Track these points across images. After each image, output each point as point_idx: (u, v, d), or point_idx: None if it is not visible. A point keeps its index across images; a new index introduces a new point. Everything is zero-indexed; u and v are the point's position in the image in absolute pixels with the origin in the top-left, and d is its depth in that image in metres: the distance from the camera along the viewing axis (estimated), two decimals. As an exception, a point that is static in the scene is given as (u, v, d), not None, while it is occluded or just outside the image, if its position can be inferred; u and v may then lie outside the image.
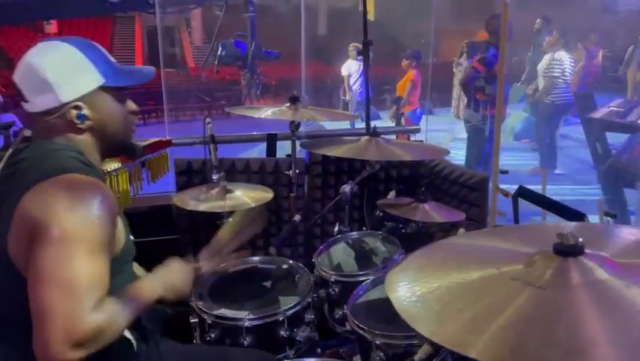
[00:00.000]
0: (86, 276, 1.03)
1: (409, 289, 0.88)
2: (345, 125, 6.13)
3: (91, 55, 1.21)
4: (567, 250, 0.82)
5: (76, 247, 1.04)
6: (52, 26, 18.89)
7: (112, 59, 1.27)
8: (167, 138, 2.19)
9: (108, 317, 1.04)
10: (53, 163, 1.13)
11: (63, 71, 1.18)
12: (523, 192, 2.04)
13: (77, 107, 1.19)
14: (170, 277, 1.30)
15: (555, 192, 4.64)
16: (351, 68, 8.22)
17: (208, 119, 2.29)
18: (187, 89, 11.84)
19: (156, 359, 1.33)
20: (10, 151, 1.19)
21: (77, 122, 1.19)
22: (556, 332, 0.69)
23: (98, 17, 18.02)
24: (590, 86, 6.54)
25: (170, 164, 2.25)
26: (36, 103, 1.18)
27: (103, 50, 1.27)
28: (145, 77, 1.31)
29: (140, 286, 1.20)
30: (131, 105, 1.31)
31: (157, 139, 2.14)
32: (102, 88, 1.21)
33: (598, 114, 4.81)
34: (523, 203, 2.23)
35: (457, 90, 9.07)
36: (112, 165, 1.88)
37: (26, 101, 1.19)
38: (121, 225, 1.22)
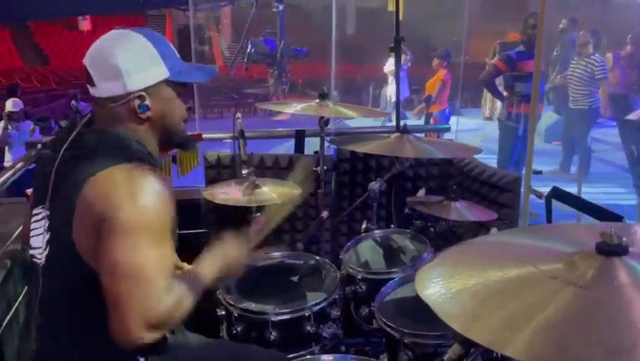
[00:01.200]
0: (154, 262, 1.08)
1: (444, 285, 0.87)
2: (371, 123, 6.08)
3: (161, 49, 1.23)
4: (611, 250, 0.80)
5: (143, 235, 1.08)
6: (86, 23, 19.35)
7: (177, 54, 1.30)
8: (198, 132, 2.21)
9: (177, 299, 1.10)
10: (116, 152, 1.17)
11: (134, 60, 1.20)
12: (557, 193, 1.99)
13: (141, 97, 1.21)
14: (225, 258, 1.34)
15: (588, 196, 4.52)
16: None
17: (238, 115, 2.31)
18: (216, 87, 11.96)
19: (184, 349, 1.35)
20: (73, 135, 1.21)
21: (139, 111, 1.22)
22: (600, 331, 0.67)
23: (131, 14, 18.37)
24: (628, 88, 6.35)
25: (199, 158, 2.26)
26: (103, 88, 1.20)
27: (172, 46, 1.29)
28: (208, 75, 1.34)
29: (201, 268, 1.26)
30: (190, 102, 1.34)
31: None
32: (167, 82, 1.24)
33: (634, 116, 4.66)
34: (556, 204, 2.18)
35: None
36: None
37: (94, 85, 1.21)
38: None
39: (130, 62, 1.19)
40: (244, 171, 2.15)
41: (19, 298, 1.75)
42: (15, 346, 1.67)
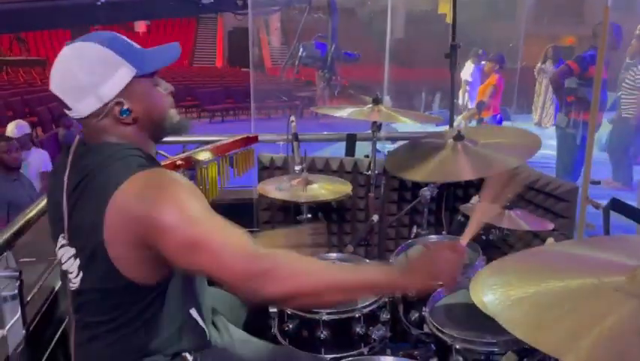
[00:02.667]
0: (221, 224, 1.10)
1: (503, 293, 0.88)
2: (420, 127, 6.02)
3: (117, 48, 1.18)
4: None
5: (197, 213, 1.09)
6: (142, 25, 20.06)
7: (136, 45, 1.24)
8: (254, 133, 2.27)
9: (274, 256, 1.07)
10: (122, 164, 1.15)
11: (95, 71, 1.16)
12: (615, 205, 1.93)
13: (119, 103, 1.18)
14: (428, 263, 1.24)
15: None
16: (469, 72, 7.95)
17: (292, 118, 2.37)
18: (265, 89, 12.17)
19: (229, 348, 1.37)
20: (70, 158, 1.21)
21: (122, 117, 1.19)
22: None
23: (184, 18, 18.92)
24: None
25: (254, 160, 2.33)
26: (79, 108, 1.18)
27: (125, 38, 1.23)
28: (172, 57, 1.27)
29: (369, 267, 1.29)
30: (166, 86, 1.28)
31: (245, 135, 2.23)
32: (137, 78, 1.19)
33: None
34: (614, 216, 2.11)
35: (540, 97, 8.65)
36: (203, 156, 1.98)
37: (70, 109, 1.19)
38: None
39: (92, 75, 1.15)
40: (297, 167, 2.21)
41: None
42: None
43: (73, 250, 1.19)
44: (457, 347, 1.38)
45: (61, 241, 1.22)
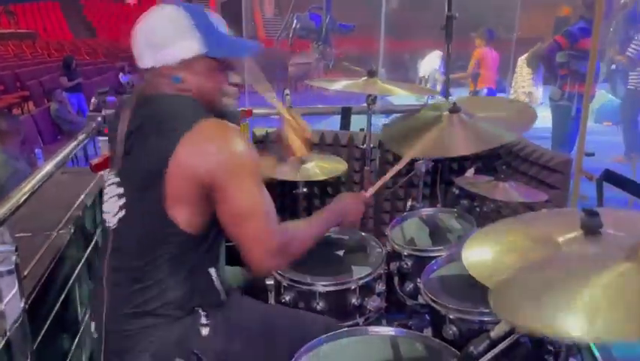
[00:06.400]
0: (264, 199, 1.23)
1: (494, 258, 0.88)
2: (416, 100, 6.02)
3: (199, 22, 1.24)
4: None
5: (248, 178, 1.20)
6: (132, -4, 19.65)
7: (223, 29, 1.30)
8: (249, 107, 2.26)
9: (291, 235, 1.31)
10: (186, 111, 1.22)
11: (168, 34, 1.23)
12: (609, 176, 1.94)
13: (175, 70, 1.24)
14: (343, 206, 1.56)
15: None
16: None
17: (287, 91, 2.34)
18: (257, 61, 11.99)
19: (237, 310, 1.40)
20: (132, 105, 1.27)
21: (174, 83, 1.25)
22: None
23: (176, -11, 18.54)
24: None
25: (249, 134, 2.32)
26: (143, 61, 1.26)
27: (216, 19, 1.29)
28: (248, 52, 1.34)
29: (320, 215, 1.50)
30: (233, 77, 1.37)
31: (239, 109, 2.22)
32: (204, 56, 1.24)
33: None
34: (607, 188, 2.13)
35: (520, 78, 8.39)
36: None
37: (139, 58, 1.27)
38: None
39: (164, 36, 1.23)
40: (292, 147, 2.19)
41: (82, 261, 1.87)
42: (79, 300, 1.80)
43: (120, 190, 1.26)
44: (451, 316, 1.40)
45: (111, 178, 1.31)
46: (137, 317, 1.25)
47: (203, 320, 1.28)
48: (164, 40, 1.23)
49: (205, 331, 1.27)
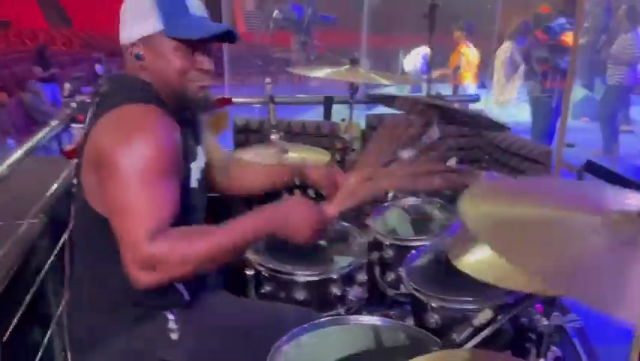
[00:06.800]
0: (142, 203, 1.08)
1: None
2: (396, 92, 6.02)
3: (163, 1, 1.23)
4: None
5: (133, 175, 1.09)
6: (110, -15, 19.27)
7: (190, 7, 1.26)
8: (228, 95, 2.22)
9: (169, 246, 1.07)
10: (120, 95, 1.22)
11: (134, 12, 1.26)
12: (590, 167, 1.95)
13: (136, 46, 1.25)
14: (282, 214, 1.25)
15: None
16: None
17: (268, 80, 2.31)
18: (239, 53, 11.88)
19: (210, 309, 1.36)
20: (99, 83, 1.30)
21: (136, 60, 1.25)
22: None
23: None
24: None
25: (229, 122, 2.28)
26: (121, 36, 1.29)
27: (191, 2, 1.26)
28: (209, 32, 1.26)
29: (238, 221, 1.19)
30: (202, 62, 1.28)
31: (218, 96, 2.18)
32: (164, 35, 1.24)
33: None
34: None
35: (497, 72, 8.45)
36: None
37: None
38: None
39: (131, 13, 1.26)
40: (273, 136, 2.16)
41: (55, 251, 1.81)
42: (52, 292, 1.74)
43: (75, 179, 1.26)
44: (433, 305, 1.39)
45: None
46: (97, 315, 1.22)
47: (172, 325, 1.24)
48: (129, 17, 1.26)
49: (174, 335, 1.23)
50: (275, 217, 1.24)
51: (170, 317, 1.25)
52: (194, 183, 1.33)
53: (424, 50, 7.72)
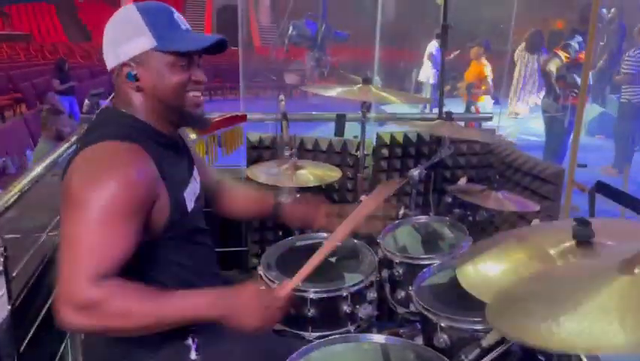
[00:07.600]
0: (87, 244, 1.05)
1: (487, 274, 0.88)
2: (408, 110, 6.02)
3: (149, 17, 1.22)
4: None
5: (85, 214, 1.06)
6: (128, 0, 19.68)
7: (180, 23, 1.26)
8: (243, 112, 2.26)
9: (107, 293, 1.04)
10: (99, 131, 1.20)
11: (121, 32, 1.23)
12: (601, 187, 1.95)
13: (129, 66, 1.22)
14: (229, 303, 1.17)
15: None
16: (434, 47, 7.92)
17: (281, 97, 2.35)
18: (255, 69, 12.00)
19: (229, 332, 1.23)
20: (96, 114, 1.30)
21: (128, 81, 1.23)
22: None
23: (172, -6, 18.58)
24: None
25: (243, 138, 2.32)
26: (107, 63, 1.26)
27: (169, 13, 1.25)
28: (201, 44, 1.24)
29: (183, 294, 1.13)
30: (197, 75, 1.26)
31: (234, 113, 2.22)
32: (156, 51, 1.21)
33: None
34: (600, 200, 2.14)
35: (513, 85, 8.45)
36: (191, 135, 1.96)
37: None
38: (165, 197, 1.21)
39: (117, 34, 1.24)
40: (287, 153, 2.19)
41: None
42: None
43: None
44: (443, 325, 1.40)
45: None
46: (115, 340, 1.22)
47: (191, 350, 1.24)
48: (117, 39, 1.23)
49: (195, 358, 1.24)
50: (220, 305, 1.16)
51: (190, 342, 1.25)
52: (190, 207, 1.32)
53: (434, 45, 7.76)
